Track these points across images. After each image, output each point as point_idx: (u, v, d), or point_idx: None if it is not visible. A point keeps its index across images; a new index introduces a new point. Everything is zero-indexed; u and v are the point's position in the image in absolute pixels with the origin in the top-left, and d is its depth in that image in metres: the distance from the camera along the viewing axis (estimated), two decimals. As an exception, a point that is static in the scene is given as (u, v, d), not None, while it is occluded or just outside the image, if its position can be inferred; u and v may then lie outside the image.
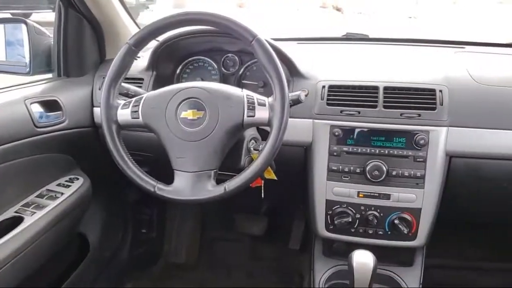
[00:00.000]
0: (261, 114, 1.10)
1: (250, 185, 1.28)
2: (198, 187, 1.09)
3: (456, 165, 1.30)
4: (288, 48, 1.44)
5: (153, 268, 2.14)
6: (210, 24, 1.16)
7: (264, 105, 1.11)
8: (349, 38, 1.80)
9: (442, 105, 1.26)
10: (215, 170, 1.12)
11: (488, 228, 1.89)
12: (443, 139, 1.26)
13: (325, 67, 1.44)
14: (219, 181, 1.12)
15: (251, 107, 1.10)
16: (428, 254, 1.47)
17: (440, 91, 1.28)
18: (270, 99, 1.11)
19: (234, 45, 1.47)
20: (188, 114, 1.11)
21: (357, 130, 1.30)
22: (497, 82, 1.33)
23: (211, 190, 1.09)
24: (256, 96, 1.12)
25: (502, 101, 1.29)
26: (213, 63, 1.53)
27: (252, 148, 1.27)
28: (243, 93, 1.13)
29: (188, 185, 1.10)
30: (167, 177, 1.12)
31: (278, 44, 1.41)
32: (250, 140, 1.28)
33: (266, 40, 1.13)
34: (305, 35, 1.93)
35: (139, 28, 1.66)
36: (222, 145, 1.11)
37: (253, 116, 1.10)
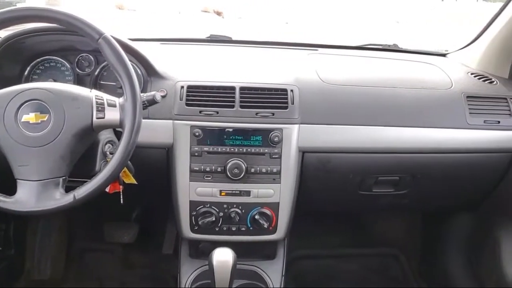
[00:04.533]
0: (112, 115, 1.07)
1: (107, 191, 1.23)
2: (44, 197, 1.02)
3: (309, 160, 1.38)
4: (147, 49, 1.41)
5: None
6: (52, 21, 1.10)
7: (114, 105, 1.08)
8: (212, 40, 1.82)
9: (293, 104, 1.34)
10: (63, 178, 1.06)
11: (344, 217, 2.06)
12: (295, 136, 1.33)
13: (185, 67, 1.45)
14: (72, 188, 1.05)
15: (100, 108, 1.06)
16: (293, 246, 1.54)
17: (291, 91, 1.35)
18: (121, 99, 1.08)
19: (88, 44, 1.40)
20: (30, 117, 1.04)
21: (216, 130, 1.31)
22: (343, 82, 1.45)
23: (58, 199, 1.03)
24: (106, 97, 1.09)
25: (346, 99, 1.41)
26: (66, 63, 1.44)
27: (108, 152, 1.23)
28: (92, 93, 1.08)
29: (32, 195, 1.02)
30: (15, 188, 1.03)
31: (137, 44, 1.38)
32: (106, 144, 1.24)
33: (116, 39, 1.10)
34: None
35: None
36: (70, 150, 1.06)
37: (103, 117, 1.07)
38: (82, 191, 1.03)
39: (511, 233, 1.57)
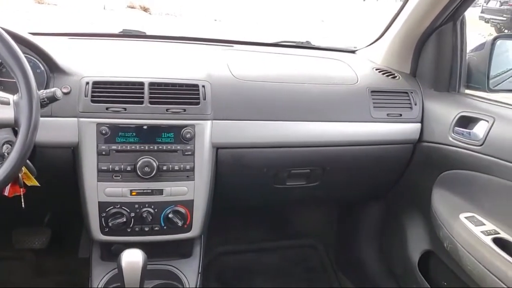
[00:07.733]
0: (4, 113, 1.00)
1: (6, 194, 1.16)
2: None
3: (223, 156, 1.39)
4: (52, 43, 1.34)
5: None
6: None
7: (7, 103, 1.01)
8: (125, 34, 1.77)
9: (205, 99, 1.33)
10: None
11: (264, 211, 2.09)
12: (208, 132, 1.33)
13: (92, 63, 1.39)
14: None
15: None
16: (213, 243, 1.53)
17: (203, 86, 1.34)
18: (15, 96, 1.02)
19: None
20: None
21: (124, 127, 1.27)
22: (255, 78, 1.46)
23: None
24: None
25: (258, 95, 1.42)
26: None
27: (6, 153, 1.15)
28: None
29: None
30: None
31: (41, 39, 1.31)
32: (4, 144, 1.16)
33: (10, 32, 1.04)
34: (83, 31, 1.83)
35: None
36: None
37: None
38: None
39: (414, 220, 1.67)
